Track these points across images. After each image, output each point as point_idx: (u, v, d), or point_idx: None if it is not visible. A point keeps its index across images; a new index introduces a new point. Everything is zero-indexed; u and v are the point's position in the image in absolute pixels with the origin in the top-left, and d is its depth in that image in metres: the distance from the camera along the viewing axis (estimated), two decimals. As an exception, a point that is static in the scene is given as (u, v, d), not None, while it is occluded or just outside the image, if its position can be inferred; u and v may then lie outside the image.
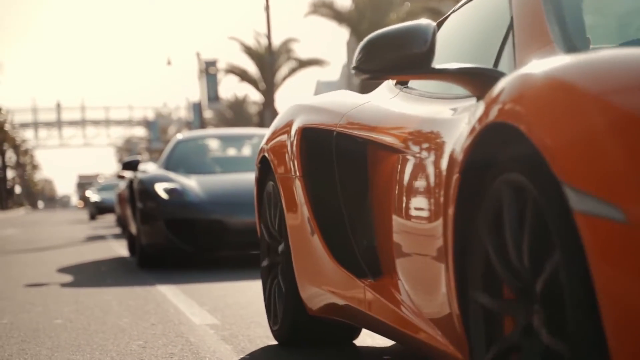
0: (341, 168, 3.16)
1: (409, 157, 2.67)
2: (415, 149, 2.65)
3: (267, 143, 3.80)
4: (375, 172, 2.97)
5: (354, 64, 2.60)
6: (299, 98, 3.68)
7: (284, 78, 43.41)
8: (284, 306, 3.65)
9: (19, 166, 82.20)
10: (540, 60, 1.97)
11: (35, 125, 75.06)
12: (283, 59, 43.52)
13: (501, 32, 2.69)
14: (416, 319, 2.60)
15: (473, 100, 2.50)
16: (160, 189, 8.34)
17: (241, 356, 3.69)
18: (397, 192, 2.71)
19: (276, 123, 3.81)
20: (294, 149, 3.41)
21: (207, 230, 8.10)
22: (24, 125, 74.07)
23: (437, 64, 2.51)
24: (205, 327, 4.50)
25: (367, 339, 3.92)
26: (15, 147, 73.79)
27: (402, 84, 3.25)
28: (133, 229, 9.53)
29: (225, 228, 8.08)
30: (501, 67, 2.63)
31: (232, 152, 10.33)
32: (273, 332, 3.86)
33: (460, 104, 2.60)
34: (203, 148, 10.18)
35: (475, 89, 2.46)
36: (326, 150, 3.24)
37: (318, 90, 74.04)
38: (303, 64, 43.54)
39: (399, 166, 2.73)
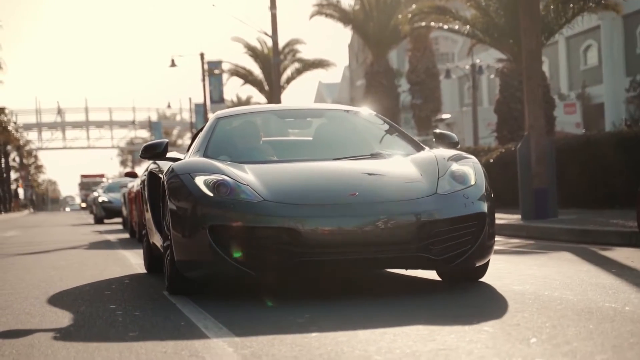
0: None
1: None
2: None
3: None
4: None
5: None
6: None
7: (289, 80, 42.94)
8: None
9: (23, 167, 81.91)
10: None
11: (39, 126, 74.64)
12: (288, 61, 43.06)
13: None
14: None
15: None
16: (201, 182, 5.68)
17: (267, 382, 3.18)
18: None
19: None
20: None
21: (272, 244, 5.41)
22: (28, 127, 73.67)
23: None
24: (222, 344, 3.99)
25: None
26: (19, 149, 73.49)
27: None
28: (156, 238, 7.02)
29: (299, 240, 5.37)
30: None
31: (292, 133, 7.61)
32: None
33: None
34: (253, 128, 7.24)
35: None
36: None
37: (320, 92, 73.72)
38: (308, 65, 43.07)
39: None
